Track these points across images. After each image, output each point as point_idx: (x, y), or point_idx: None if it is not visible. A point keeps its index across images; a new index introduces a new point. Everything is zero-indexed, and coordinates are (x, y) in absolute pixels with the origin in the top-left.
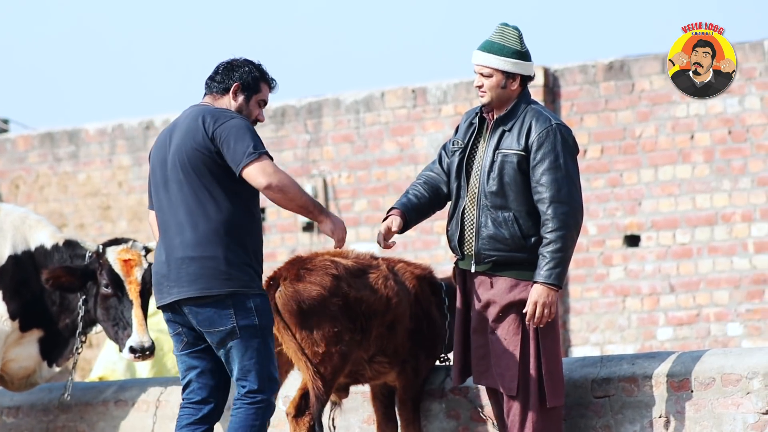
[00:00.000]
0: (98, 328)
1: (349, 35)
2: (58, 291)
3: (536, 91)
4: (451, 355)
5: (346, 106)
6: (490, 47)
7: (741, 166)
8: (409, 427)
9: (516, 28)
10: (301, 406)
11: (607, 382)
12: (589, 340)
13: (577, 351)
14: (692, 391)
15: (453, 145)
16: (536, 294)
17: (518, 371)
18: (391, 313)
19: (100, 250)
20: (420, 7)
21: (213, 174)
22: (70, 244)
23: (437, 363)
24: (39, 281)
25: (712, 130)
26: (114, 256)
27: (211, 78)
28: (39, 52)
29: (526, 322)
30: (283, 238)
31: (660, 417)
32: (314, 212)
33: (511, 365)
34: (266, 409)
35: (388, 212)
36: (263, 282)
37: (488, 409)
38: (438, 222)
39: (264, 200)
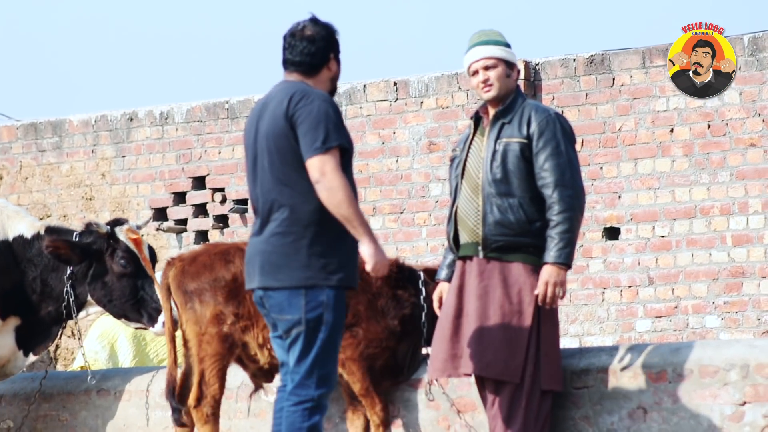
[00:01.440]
0: (82, 314)
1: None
2: (55, 260)
3: None
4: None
5: None
6: (486, 41)
7: (720, 159)
8: (374, 419)
9: (494, 29)
10: (200, 395)
11: (585, 373)
12: (568, 331)
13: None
14: (670, 383)
15: (452, 152)
16: (547, 274)
17: (524, 358)
18: None
19: (110, 231)
20: (402, 0)
21: (298, 160)
22: (54, 231)
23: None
24: (18, 270)
25: (692, 124)
26: (124, 236)
27: (293, 54)
28: (23, 43)
29: (539, 303)
30: None
31: (638, 408)
32: (357, 228)
33: (518, 353)
34: (314, 409)
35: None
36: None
37: (464, 401)
38: (419, 214)
39: (246, 191)
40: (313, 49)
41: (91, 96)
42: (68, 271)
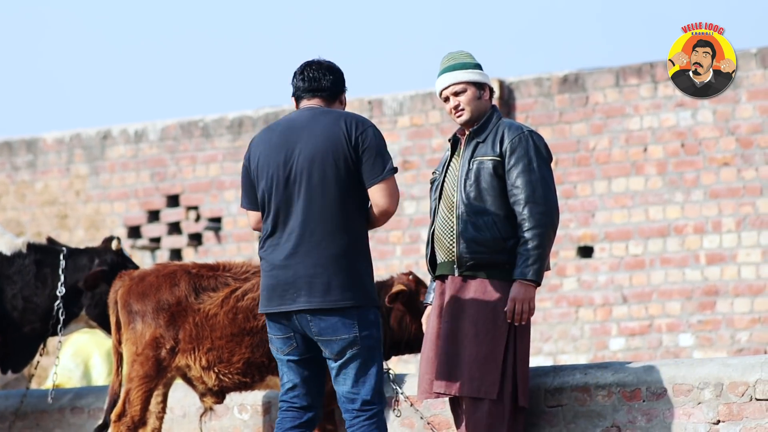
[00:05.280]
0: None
1: (305, 46)
2: (94, 289)
3: None
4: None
5: None
6: (453, 67)
7: (693, 178)
8: None
9: (463, 51)
10: (121, 412)
11: (559, 392)
12: (542, 350)
13: (530, 361)
14: (644, 401)
15: (432, 174)
16: (515, 291)
17: (500, 375)
18: (235, 325)
19: (121, 249)
20: (376, 19)
21: (351, 182)
22: (39, 249)
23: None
24: None
25: (665, 143)
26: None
27: (317, 81)
28: None
29: (507, 320)
30: (239, 248)
31: (612, 426)
32: None
33: (493, 369)
34: (382, 421)
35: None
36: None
37: (439, 419)
38: (393, 232)
39: (220, 209)
40: (333, 78)
41: (65, 114)
42: (61, 288)
